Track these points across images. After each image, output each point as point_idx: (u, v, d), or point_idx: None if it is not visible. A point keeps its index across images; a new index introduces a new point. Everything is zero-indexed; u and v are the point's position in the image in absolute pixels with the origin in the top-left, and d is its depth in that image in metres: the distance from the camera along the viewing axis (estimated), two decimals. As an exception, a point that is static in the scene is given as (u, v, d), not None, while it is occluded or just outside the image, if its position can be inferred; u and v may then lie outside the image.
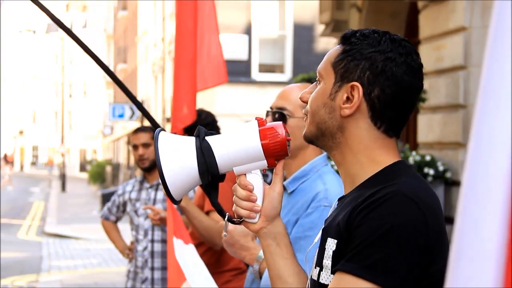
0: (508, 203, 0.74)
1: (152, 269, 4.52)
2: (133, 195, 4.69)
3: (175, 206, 3.49)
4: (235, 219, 1.55)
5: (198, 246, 3.66)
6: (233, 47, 17.18)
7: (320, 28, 13.45)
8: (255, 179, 1.52)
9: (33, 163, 74.63)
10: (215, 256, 3.74)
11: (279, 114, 2.47)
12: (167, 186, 1.46)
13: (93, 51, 2.98)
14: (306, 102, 1.53)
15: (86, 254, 13.81)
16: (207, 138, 1.49)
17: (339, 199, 1.53)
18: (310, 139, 1.52)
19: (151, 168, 4.59)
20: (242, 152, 1.49)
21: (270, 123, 1.52)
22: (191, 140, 1.49)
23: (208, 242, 3.64)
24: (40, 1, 2.89)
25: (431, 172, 6.91)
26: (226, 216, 1.56)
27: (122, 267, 10.99)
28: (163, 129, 1.55)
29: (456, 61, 6.96)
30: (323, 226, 1.49)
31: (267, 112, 2.54)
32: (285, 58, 18.31)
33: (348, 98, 1.44)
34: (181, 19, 3.42)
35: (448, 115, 7.10)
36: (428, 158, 7.05)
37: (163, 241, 4.45)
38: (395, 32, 1.56)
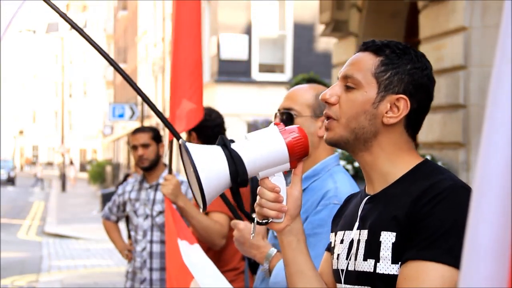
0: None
1: (151, 269, 4.51)
2: (133, 195, 4.68)
3: (174, 207, 3.49)
4: (262, 221, 1.62)
5: (198, 246, 3.66)
6: (233, 47, 17.19)
7: (320, 28, 13.45)
8: (279, 181, 1.59)
9: (33, 163, 74.63)
10: (215, 257, 3.73)
11: (287, 115, 2.48)
12: (204, 194, 1.51)
13: (104, 50, 3.01)
14: (331, 104, 1.62)
15: (86, 254, 13.81)
16: (233, 146, 1.56)
17: (371, 197, 1.61)
18: (337, 143, 1.61)
19: (150, 167, 4.58)
20: (268, 157, 1.55)
21: (287, 127, 1.59)
22: (218, 149, 1.54)
23: (207, 242, 3.63)
24: (46, 2, 2.90)
25: (431, 172, 6.92)
26: (255, 219, 1.62)
27: (122, 267, 10.99)
28: (183, 140, 1.59)
29: (456, 61, 6.96)
30: (370, 221, 1.56)
31: (276, 114, 2.55)
32: (285, 58, 18.31)
33: (391, 108, 1.57)
34: (180, 17, 3.42)
35: (448, 115, 7.10)
36: (428, 158, 7.05)
37: (162, 242, 4.44)
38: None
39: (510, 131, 0.74)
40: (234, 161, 1.53)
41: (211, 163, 1.52)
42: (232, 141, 1.57)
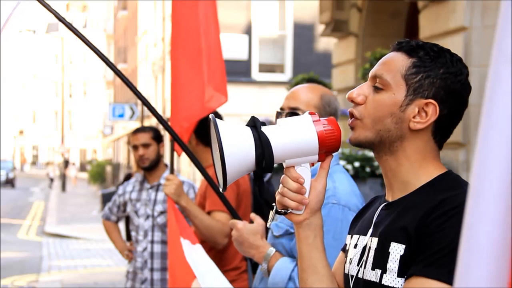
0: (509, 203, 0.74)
1: (152, 270, 4.51)
2: (134, 195, 4.68)
3: (177, 206, 3.50)
4: (281, 210, 1.57)
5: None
6: (233, 47, 17.18)
7: (320, 28, 13.44)
8: (304, 172, 1.54)
9: (33, 163, 74.60)
10: (218, 256, 3.74)
11: (293, 115, 2.47)
12: (225, 172, 1.46)
13: (98, 49, 3.01)
14: (357, 103, 1.55)
15: (86, 254, 13.81)
16: (262, 128, 1.50)
17: (388, 204, 1.56)
18: (362, 144, 1.56)
19: (151, 167, 4.58)
20: (298, 144, 1.50)
21: (322, 118, 1.54)
22: (247, 129, 1.49)
23: (210, 241, 3.64)
24: (43, 4, 2.90)
25: (431, 172, 6.91)
26: (274, 207, 1.58)
27: (122, 267, 10.99)
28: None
29: (456, 61, 6.96)
30: (380, 229, 1.52)
31: (278, 113, 2.54)
32: (285, 58, 18.31)
33: (418, 112, 1.50)
34: (181, 16, 3.42)
35: (448, 115, 7.10)
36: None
37: (163, 242, 4.45)
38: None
39: (509, 130, 0.74)
40: (262, 143, 1.47)
41: (237, 142, 1.47)
42: (264, 123, 1.52)
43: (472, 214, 0.76)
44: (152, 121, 24.38)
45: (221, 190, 1.51)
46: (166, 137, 6.08)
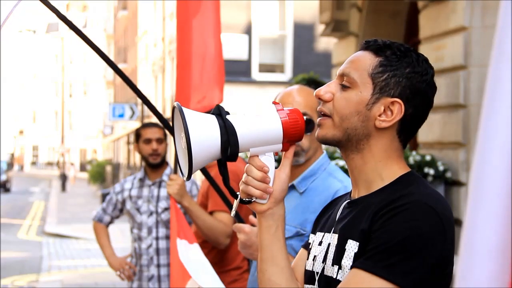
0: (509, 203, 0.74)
1: (158, 266, 4.46)
2: (134, 192, 4.58)
3: (178, 206, 3.50)
4: (245, 199, 1.57)
5: (202, 245, 3.67)
6: (233, 47, 17.19)
7: (320, 28, 13.44)
8: (268, 161, 1.55)
9: (33, 163, 74.62)
10: (219, 255, 3.74)
11: (307, 121, 2.44)
12: (191, 160, 1.46)
13: (101, 49, 3.01)
14: (324, 101, 1.57)
15: (86, 254, 13.81)
16: (228, 117, 1.51)
17: (350, 202, 1.58)
18: (329, 142, 1.57)
19: (160, 164, 4.52)
20: (262, 133, 1.52)
21: (286, 108, 1.55)
22: (212, 118, 1.50)
23: (212, 241, 3.64)
24: (44, 3, 2.90)
25: (431, 172, 6.91)
26: (238, 197, 1.58)
27: (122, 267, 10.97)
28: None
29: (456, 61, 6.96)
30: (340, 225, 1.55)
31: None
32: (285, 58, 18.31)
33: (384, 111, 1.52)
34: (179, 16, 3.44)
35: (448, 115, 7.09)
36: (428, 158, 7.05)
37: (168, 238, 4.42)
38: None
39: (509, 130, 0.74)
40: (227, 130, 1.48)
41: (203, 129, 1.48)
42: (228, 113, 1.53)
43: (472, 214, 0.76)
44: (151, 121, 24.35)
45: (185, 179, 1.52)
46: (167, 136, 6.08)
